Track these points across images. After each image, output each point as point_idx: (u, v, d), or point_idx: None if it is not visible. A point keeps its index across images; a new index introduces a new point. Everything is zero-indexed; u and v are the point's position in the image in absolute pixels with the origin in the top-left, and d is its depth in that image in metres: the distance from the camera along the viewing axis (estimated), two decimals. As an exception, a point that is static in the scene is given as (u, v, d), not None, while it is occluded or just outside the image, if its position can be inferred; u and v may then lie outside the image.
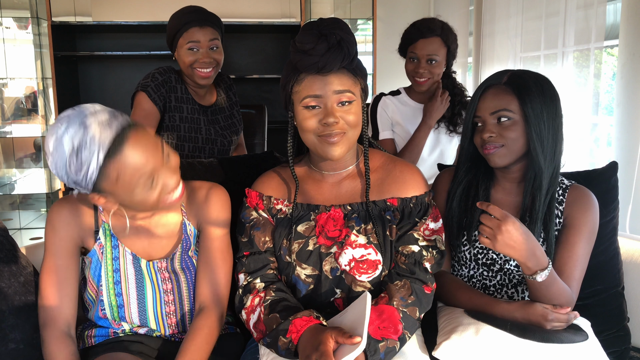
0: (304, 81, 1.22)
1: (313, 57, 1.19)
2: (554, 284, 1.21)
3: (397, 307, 1.17)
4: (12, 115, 3.82)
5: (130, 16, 3.59)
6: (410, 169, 1.33)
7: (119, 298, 1.27)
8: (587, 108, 2.39)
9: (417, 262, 1.24)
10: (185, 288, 1.31)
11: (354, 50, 1.22)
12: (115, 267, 1.27)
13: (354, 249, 1.24)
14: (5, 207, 4.02)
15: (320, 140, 1.23)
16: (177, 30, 1.96)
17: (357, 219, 1.27)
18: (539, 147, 1.28)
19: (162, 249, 1.31)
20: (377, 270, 1.24)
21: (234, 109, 2.23)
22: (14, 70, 3.77)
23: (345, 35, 1.20)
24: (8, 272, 1.26)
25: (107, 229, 1.28)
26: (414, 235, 1.26)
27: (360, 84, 1.26)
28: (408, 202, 1.28)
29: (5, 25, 3.73)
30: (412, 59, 2.14)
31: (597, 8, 2.27)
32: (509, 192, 1.41)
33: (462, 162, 1.43)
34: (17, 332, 1.22)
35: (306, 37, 1.20)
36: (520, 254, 1.17)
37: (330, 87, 1.20)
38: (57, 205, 1.27)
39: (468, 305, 1.31)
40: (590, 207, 1.34)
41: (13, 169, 3.99)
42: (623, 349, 1.46)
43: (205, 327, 1.24)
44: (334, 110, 1.21)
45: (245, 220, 1.33)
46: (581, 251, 1.31)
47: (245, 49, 3.97)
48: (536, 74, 1.34)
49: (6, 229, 1.34)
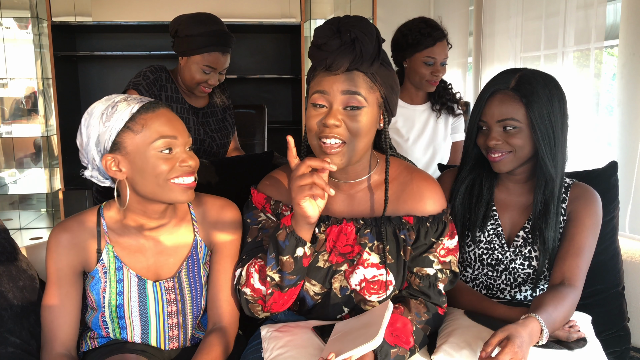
0: (317, 77, 1.16)
1: (324, 52, 1.13)
2: (555, 324, 1.18)
3: (412, 320, 1.16)
4: (12, 115, 3.82)
5: (130, 16, 3.59)
6: (429, 183, 1.25)
7: (122, 321, 1.25)
8: (588, 108, 2.39)
9: (431, 284, 1.22)
10: (189, 310, 1.27)
11: (370, 53, 1.13)
12: (120, 290, 1.23)
13: (365, 268, 1.19)
14: (5, 207, 4.02)
15: (320, 145, 1.15)
16: (199, 47, 1.94)
17: (370, 235, 1.20)
18: (549, 154, 1.28)
19: (170, 268, 1.26)
20: (388, 291, 1.20)
21: (226, 112, 2.22)
22: (14, 70, 3.76)
23: (361, 35, 1.12)
24: (7, 276, 1.25)
25: (111, 250, 1.24)
26: (429, 258, 1.21)
27: (380, 91, 1.16)
28: (425, 221, 1.21)
29: (5, 25, 3.72)
30: (429, 63, 2.14)
31: (597, 8, 2.27)
32: (512, 192, 1.41)
33: (466, 162, 1.42)
34: (15, 337, 1.21)
35: (323, 31, 1.14)
36: (527, 351, 1.11)
37: (338, 86, 1.12)
38: (55, 232, 1.23)
39: (468, 308, 1.31)
40: (593, 202, 1.35)
41: (13, 169, 3.98)
42: (623, 349, 1.46)
43: (219, 345, 1.21)
44: (338, 113, 1.12)
45: (252, 221, 1.27)
46: (585, 241, 1.30)
47: (245, 49, 3.97)
48: (545, 75, 1.32)
49: (7, 231, 1.33)
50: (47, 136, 3.78)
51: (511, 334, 1.05)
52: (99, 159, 1.17)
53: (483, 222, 1.39)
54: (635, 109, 2.09)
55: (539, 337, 1.12)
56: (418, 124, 2.24)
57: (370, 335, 1.04)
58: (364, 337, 1.04)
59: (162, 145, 1.14)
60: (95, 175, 1.20)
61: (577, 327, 1.22)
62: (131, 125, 1.14)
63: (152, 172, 1.15)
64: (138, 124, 1.14)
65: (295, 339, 1.17)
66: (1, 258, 1.27)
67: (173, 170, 1.16)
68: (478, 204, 1.40)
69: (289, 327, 1.23)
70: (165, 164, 1.15)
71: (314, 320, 1.25)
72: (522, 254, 1.36)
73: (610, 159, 1.57)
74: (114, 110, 1.15)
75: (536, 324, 1.11)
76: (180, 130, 1.18)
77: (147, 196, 1.18)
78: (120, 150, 1.15)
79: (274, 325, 1.25)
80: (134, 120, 1.14)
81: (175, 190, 1.17)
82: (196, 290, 1.27)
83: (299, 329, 1.21)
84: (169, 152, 1.16)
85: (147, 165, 1.15)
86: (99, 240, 1.24)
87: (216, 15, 2.02)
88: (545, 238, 1.32)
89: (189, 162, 1.17)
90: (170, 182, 1.16)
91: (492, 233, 1.39)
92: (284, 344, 1.16)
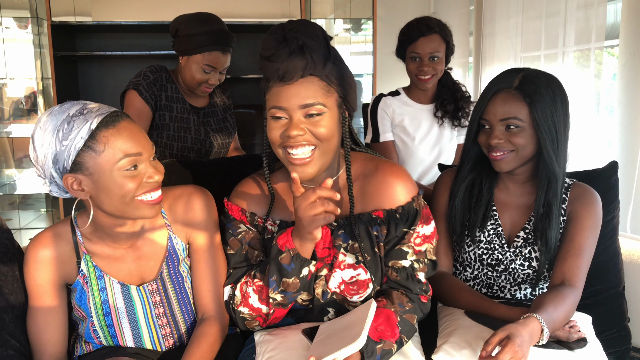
0: (271, 90, 1.13)
1: (274, 63, 1.10)
2: (555, 324, 1.18)
3: (396, 312, 1.16)
4: (12, 115, 3.82)
5: (130, 16, 3.59)
6: (394, 173, 1.23)
7: (111, 329, 1.23)
8: (588, 108, 2.39)
9: (409, 275, 1.21)
10: (177, 308, 1.27)
11: (321, 56, 1.11)
12: (104, 299, 1.22)
13: (342, 270, 1.19)
14: (5, 207, 4.02)
15: (287, 157, 1.14)
16: (199, 46, 1.94)
17: (344, 235, 1.21)
18: (553, 153, 1.28)
19: (151, 270, 1.25)
20: (368, 289, 1.21)
21: (227, 112, 2.22)
22: (14, 70, 3.76)
23: (309, 40, 1.09)
24: (12, 277, 1.25)
25: (89, 260, 1.21)
26: (403, 249, 1.20)
27: (337, 92, 1.15)
28: (394, 213, 1.20)
29: (5, 25, 3.72)
30: (414, 59, 2.13)
31: (598, 8, 2.27)
32: (512, 192, 1.41)
33: (466, 161, 1.42)
34: (15, 340, 1.20)
35: (268, 41, 1.11)
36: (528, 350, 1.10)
37: (295, 100, 1.10)
38: (31, 248, 1.20)
39: (469, 308, 1.31)
40: (593, 202, 1.35)
41: (13, 169, 3.98)
42: (623, 349, 1.46)
43: (209, 335, 1.22)
44: (299, 122, 1.11)
45: (233, 232, 1.27)
46: (585, 242, 1.31)
47: (245, 49, 3.96)
48: (548, 75, 1.32)
49: (10, 231, 1.32)
50: (46, 136, 3.78)
51: (512, 333, 1.05)
52: (59, 177, 1.11)
53: (483, 222, 1.39)
54: (636, 109, 2.08)
55: (539, 337, 1.12)
56: (425, 123, 2.22)
57: (353, 336, 1.04)
58: (348, 339, 1.04)
59: (127, 163, 1.10)
60: (54, 189, 1.15)
61: (578, 328, 1.22)
62: (92, 144, 1.07)
63: (118, 192, 1.11)
64: (100, 143, 1.08)
65: (285, 340, 1.19)
66: (4, 259, 1.25)
67: (140, 187, 1.12)
68: (478, 203, 1.39)
69: (280, 330, 1.25)
70: (132, 182, 1.11)
71: (305, 323, 1.26)
72: (522, 254, 1.36)
73: (610, 159, 1.57)
74: (70, 128, 1.07)
75: (537, 323, 1.11)
76: (144, 143, 1.13)
77: (114, 214, 1.15)
78: (82, 171, 1.09)
79: (267, 329, 1.27)
80: (95, 139, 1.07)
81: (142, 207, 1.14)
82: (180, 289, 1.27)
83: (289, 331, 1.23)
84: (135, 169, 1.11)
85: (112, 185, 1.10)
86: (77, 251, 1.22)
87: (216, 15, 2.02)
88: (548, 238, 1.32)
89: (155, 177, 1.14)
90: (137, 199, 1.13)
91: (492, 233, 1.39)
92: (275, 346, 1.18)
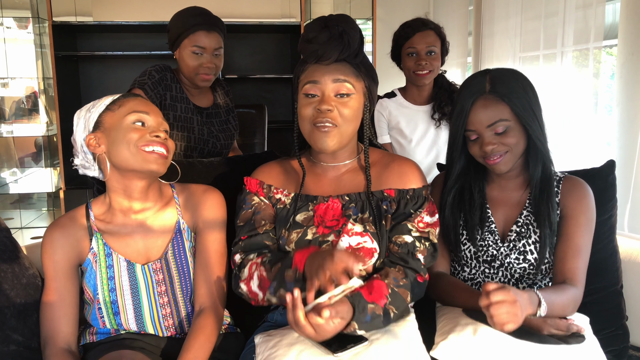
0: (307, 70, 1.27)
1: (314, 45, 1.24)
2: (554, 305, 1.19)
3: (388, 284, 1.19)
4: (13, 115, 3.83)
5: (131, 16, 3.60)
6: (409, 164, 1.35)
7: (114, 305, 1.29)
8: (587, 107, 2.40)
9: (410, 252, 1.26)
10: (179, 289, 1.32)
11: (356, 44, 1.26)
12: (110, 275, 1.29)
13: (350, 236, 1.25)
14: (6, 207, 4.03)
15: (313, 129, 1.25)
16: (182, 31, 1.95)
17: (355, 208, 1.29)
18: (540, 137, 1.32)
19: (157, 249, 1.33)
20: (373, 258, 1.25)
21: (230, 114, 2.22)
22: (15, 70, 3.77)
23: (348, 28, 1.24)
24: (11, 274, 1.27)
25: (100, 238, 1.30)
26: (407, 226, 1.27)
27: (364, 81, 1.29)
28: (405, 193, 1.29)
29: (5, 25, 3.73)
30: (411, 54, 2.15)
31: (596, 8, 2.28)
32: (504, 188, 1.43)
33: (451, 174, 1.42)
34: (18, 335, 1.23)
35: (312, 26, 1.27)
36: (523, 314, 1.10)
37: (329, 76, 1.24)
38: (49, 230, 1.30)
39: (467, 306, 1.32)
40: (585, 196, 1.36)
41: (14, 169, 4.00)
42: (622, 347, 1.47)
43: (206, 327, 1.25)
44: (330, 99, 1.24)
45: (247, 205, 1.35)
46: (581, 240, 1.32)
47: (245, 49, 3.98)
48: (510, 70, 1.36)
49: (9, 230, 1.35)
50: (47, 136, 3.79)
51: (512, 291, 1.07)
52: (83, 141, 1.29)
53: (481, 224, 1.40)
54: (634, 109, 2.09)
55: (536, 308, 1.14)
56: (422, 125, 2.23)
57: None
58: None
59: (134, 118, 1.26)
60: (82, 161, 1.31)
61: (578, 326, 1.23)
62: (111, 106, 1.29)
63: (123, 140, 1.24)
64: (116, 105, 1.29)
65: (283, 338, 1.21)
66: (3, 256, 1.28)
67: (142, 139, 1.24)
68: (472, 208, 1.40)
69: (279, 330, 1.26)
70: (136, 133, 1.25)
71: None
72: (517, 248, 1.37)
73: (609, 158, 1.58)
74: (99, 101, 1.31)
75: (534, 295, 1.15)
76: (154, 110, 1.30)
77: (122, 165, 1.26)
78: (100, 128, 1.27)
79: (267, 331, 1.29)
80: (114, 103, 1.29)
81: (147, 158, 1.24)
82: (183, 270, 1.32)
83: (287, 330, 1.24)
84: (142, 125, 1.27)
85: (119, 135, 1.25)
86: (89, 231, 1.31)
87: (216, 15, 2.03)
88: (552, 220, 1.33)
89: (159, 133, 1.26)
90: (141, 149, 1.24)
91: (485, 230, 1.40)
92: (274, 344, 1.20)
